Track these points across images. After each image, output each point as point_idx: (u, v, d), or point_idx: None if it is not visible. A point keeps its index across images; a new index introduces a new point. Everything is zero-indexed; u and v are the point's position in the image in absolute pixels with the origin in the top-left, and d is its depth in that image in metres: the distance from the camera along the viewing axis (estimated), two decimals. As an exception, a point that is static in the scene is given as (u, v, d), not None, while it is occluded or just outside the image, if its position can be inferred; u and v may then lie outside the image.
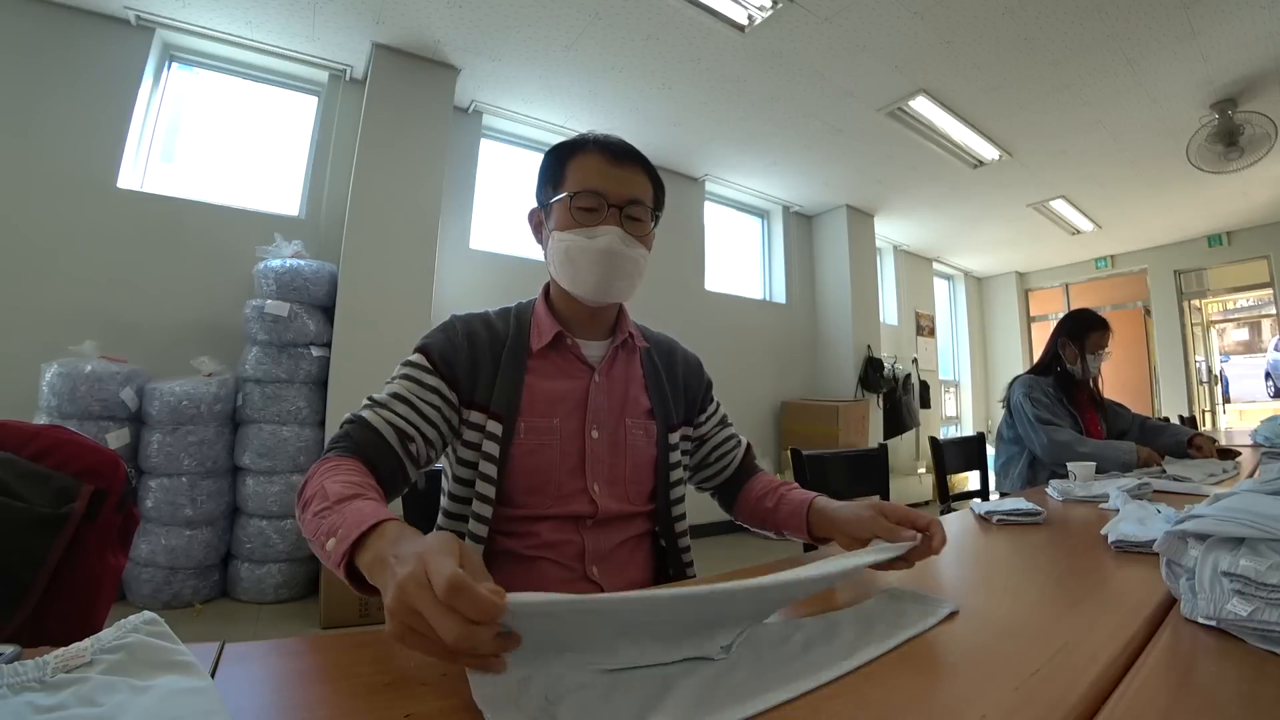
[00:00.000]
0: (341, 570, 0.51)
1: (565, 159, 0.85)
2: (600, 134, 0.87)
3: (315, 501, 0.60)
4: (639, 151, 0.87)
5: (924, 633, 0.57)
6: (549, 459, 0.83)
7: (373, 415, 0.77)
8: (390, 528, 0.51)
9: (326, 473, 0.65)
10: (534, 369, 0.86)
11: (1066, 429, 1.97)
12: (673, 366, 1.00)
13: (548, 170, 0.88)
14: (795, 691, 0.45)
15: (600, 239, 0.82)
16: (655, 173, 0.89)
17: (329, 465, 0.68)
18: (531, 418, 0.83)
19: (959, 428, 6.79)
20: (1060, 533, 1.06)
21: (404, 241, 2.86)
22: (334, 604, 2.25)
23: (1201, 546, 0.60)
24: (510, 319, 0.90)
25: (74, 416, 2.18)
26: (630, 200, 0.84)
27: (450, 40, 2.83)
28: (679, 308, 4.05)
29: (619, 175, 0.84)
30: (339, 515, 0.55)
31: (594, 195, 0.82)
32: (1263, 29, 2.68)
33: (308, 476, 0.67)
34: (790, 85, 3.17)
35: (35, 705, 0.33)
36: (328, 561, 0.53)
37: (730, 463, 1.02)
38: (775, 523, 0.92)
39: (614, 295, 0.86)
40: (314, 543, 0.57)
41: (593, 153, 0.84)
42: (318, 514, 0.58)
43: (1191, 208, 4.93)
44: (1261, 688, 0.47)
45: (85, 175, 2.55)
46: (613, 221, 0.83)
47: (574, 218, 0.83)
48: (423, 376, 0.82)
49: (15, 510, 0.64)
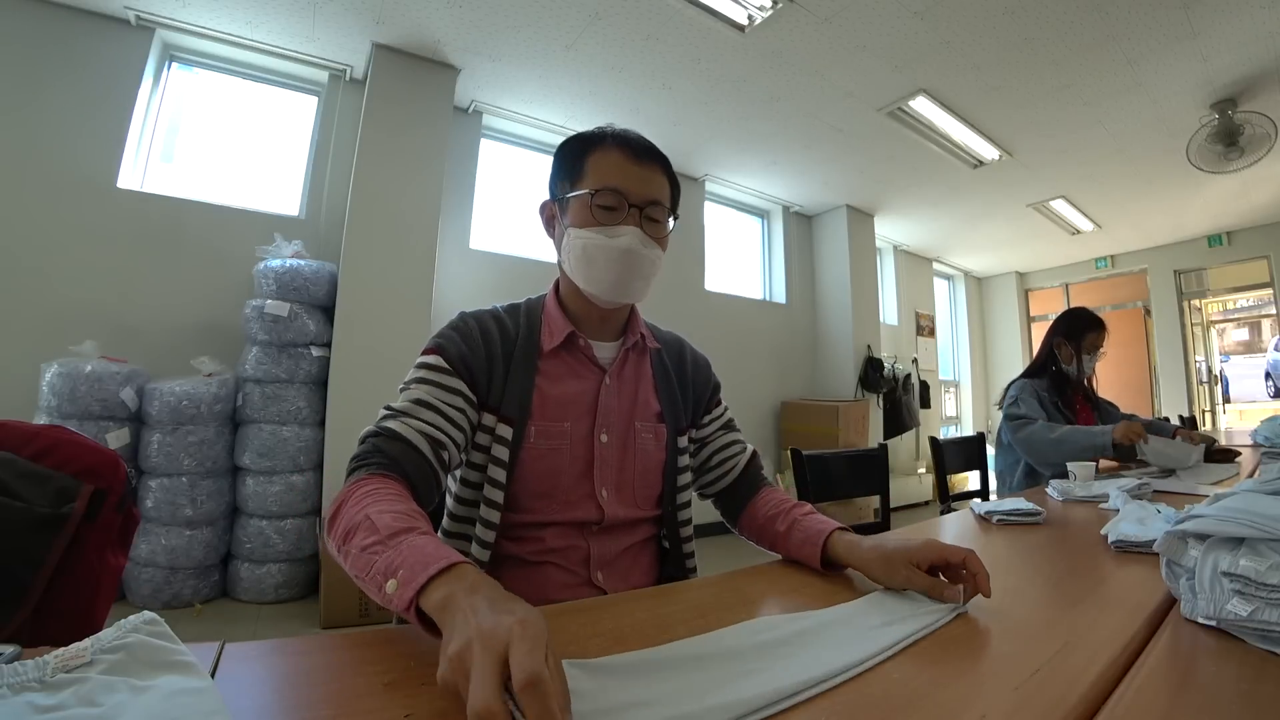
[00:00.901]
0: (411, 614, 0.47)
1: (585, 152, 0.83)
2: (619, 129, 0.85)
3: (361, 534, 0.56)
4: (658, 149, 0.86)
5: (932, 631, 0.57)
6: (558, 464, 0.82)
7: (401, 425, 0.73)
8: (465, 573, 0.48)
9: (366, 498, 0.60)
10: (544, 370, 0.84)
11: (1038, 422, 1.90)
12: (682, 367, 0.98)
13: (565, 162, 0.85)
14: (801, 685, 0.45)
15: (620, 239, 0.80)
16: (673, 172, 0.87)
17: (367, 489, 0.62)
18: (542, 421, 0.81)
19: (959, 428, 6.79)
20: (1060, 533, 1.06)
21: (404, 241, 2.86)
22: (334, 604, 2.25)
23: (1201, 546, 0.60)
24: (520, 317, 0.88)
25: (74, 416, 2.17)
26: (651, 201, 0.83)
27: (450, 40, 2.83)
28: (679, 308, 4.05)
29: (640, 174, 0.82)
30: (396, 553, 0.51)
31: (615, 194, 0.81)
32: (1263, 29, 2.68)
33: (342, 500, 0.63)
34: (790, 85, 3.16)
35: (35, 705, 0.33)
36: (382, 600, 0.50)
37: (732, 469, 0.98)
38: (786, 549, 0.84)
39: (629, 296, 0.85)
40: (364, 580, 0.53)
41: (613, 148, 0.82)
42: (367, 549, 0.54)
43: (1191, 208, 4.93)
44: (1261, 688, 0.47)
45: (85, 175, 2.55)
46: (633, 222, 0.81)
47: (594, 216, 0.81)
48: (443, 379, 0.79)
49: (15, 510, 0.64)
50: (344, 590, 2.25)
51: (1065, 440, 1.79)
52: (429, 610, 0.46)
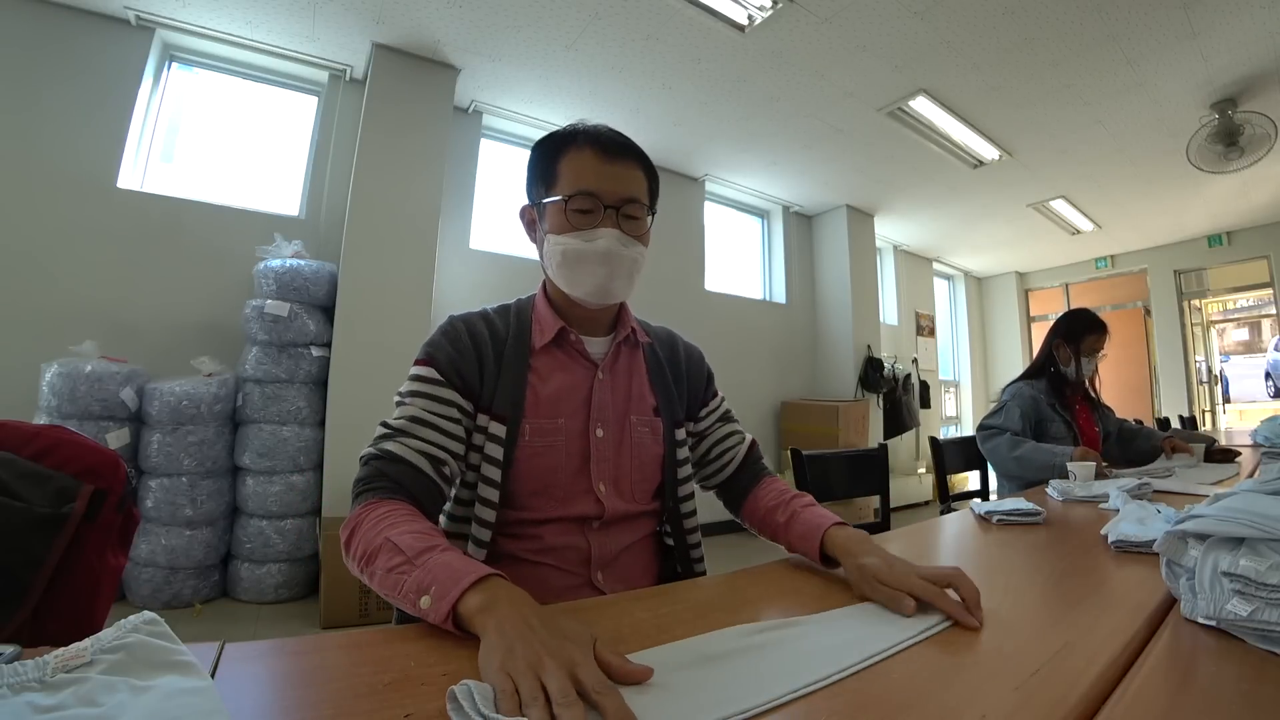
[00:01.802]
0: (449, 625, 0.52)
1: (557, 155, 0.83)
2: (590, 125, 0.84)
3: (384, 555, 0.60)
4: (632, 143, 0.84)
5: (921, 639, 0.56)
6: (554, 460, 0.82)
7: (399, 447, 0.74)
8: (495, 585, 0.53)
9: (380, 521, 0.65)
10: (536, 368, 0.84)
11: (1005, 435, 1.89)
12: (675, 360, 0.98)
13: (538, 167, 0.85)
14: (793, 687, 0.45)
15: (598, 242, 0.80)
16: (649, 163, 0.86)
17: (379, 512, 0.66)
18: (536, 418, 0.82)
19: (959, 428, 6.79)
20: (1060, 533, 1.06)
21: (404, 241, 2.86)
22: (334, 604, 2.25)
23: (1201, 546, 0.60)
24: (510, 316, 0.88)
25: (74, 416, 2.18)
26: (627, 199, 0.82)
27: (450, 40, 2.83)
28: (679, 308, 4.05)
29: (613, 173, 0.81)
30: (424, 572, 0.56)
31: (589, 197, 0.80)
32: (1263, 29, 2.68)
33: (355, 524, 0.66)
34: (790, 85, 3.16)
35: (35, 705, 0.33)
36: (417, 613, 0.55)
37: (731, 460, 0.98)
38: (787, 540, 0.84)
39: (613, 296, 0.85)
40: (394, 597, 0.58)
41: (584, 148, 0.81)
42: (393, 570, 0.58)
43: (1191, 208, 4.93)
44: (1261, 688, 0.47)
45: (85, 175, 2.55)
46: (609, 223, 0.80)
47: (570, 220, 0.81)
48: (437, 391, 0.79)
49: (15, 510, 0.64)
50: (344, 590, 2.25)
51: (1025, 459, 1.79)
52: (467, 618, 0.51)
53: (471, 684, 0.41)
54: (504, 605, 0.50)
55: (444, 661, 0.48)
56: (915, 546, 1.03)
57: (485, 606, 0.50)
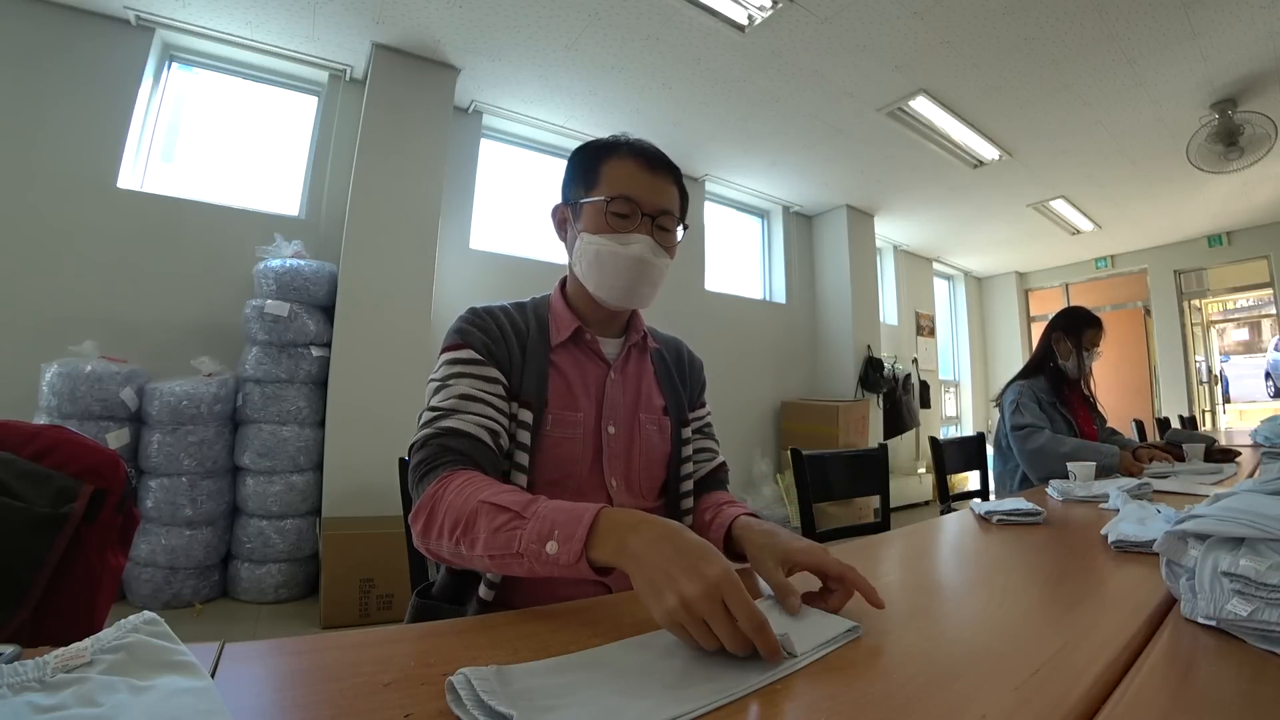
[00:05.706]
0: (583, 566, 0.55)
1: (600, 160, 0.86)
2: (634, 138, 0.88)
3: (485, 518, 0.61)
4: (671, 160, 0.88)
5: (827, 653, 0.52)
6: (573, 451, 0.83)
7: (458, 421, 0.74)
8: (617, 514, 0.57)
9: (464, 488, 0.65)
10: (555, 362, 0.87)
11: (1044, 432, 1.85)
12: (680, 364, 1.02)
13: (579, 168, 0.88)
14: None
15: (633, 247, 0.83)
16: (683, 183, 0.90)
17: (459, 481, 0.67)
18: (558, 409, 0.83)
19: (959, 428, 6.79)
20: (1060, 533, 1.06)
21: (404, 241, 2.86)
22: (334, 604, 2.25)
23: (1201, 546, 0.60)
24: (528, 313, 0.90)
25: (74, 416, 2.17)
26: (663, 210, 0.85)
27: (450, 40, 2.83)
28: (679, 308, 4.05)
29: (653, 184, 0.85)
30: (540, 522, 0.58)
31: (629, 202, 0.83)
32: (1263, 29, 2.68)
33: (434, 500, 0.67)
34: (790, 85, 3.16)
35: (35, 705, 0.33)
36: (540, 566, 0.57)
37: (695, 473, 0.96)
38: (710, 538, 0.83)
39: (638, 302, 0.88)
40: (505, 558, 0.60)
41: (628, 157, 0.85)
42: (501, 529, 0.60)
43: (1191, 208, 4.93)
44: (1261, 688, 0.47)
45: (85, 175, 2.55)
46: (645, 230, 0.84)
47: (608, 222, 0.83)
48: (479, 369, 0.80)
49: (15, 510, 0.64)
50: (344, 590, 2.25)
51: (1077, 456, 1.72)
52: (604, 559, 0.54)
53: (469, 672, 0.41)
54: (642, 545, 0.53)
55: (444, 662, 0.48)
56: (915, 547, 1.03)
57: (619, 547, 0.54)
